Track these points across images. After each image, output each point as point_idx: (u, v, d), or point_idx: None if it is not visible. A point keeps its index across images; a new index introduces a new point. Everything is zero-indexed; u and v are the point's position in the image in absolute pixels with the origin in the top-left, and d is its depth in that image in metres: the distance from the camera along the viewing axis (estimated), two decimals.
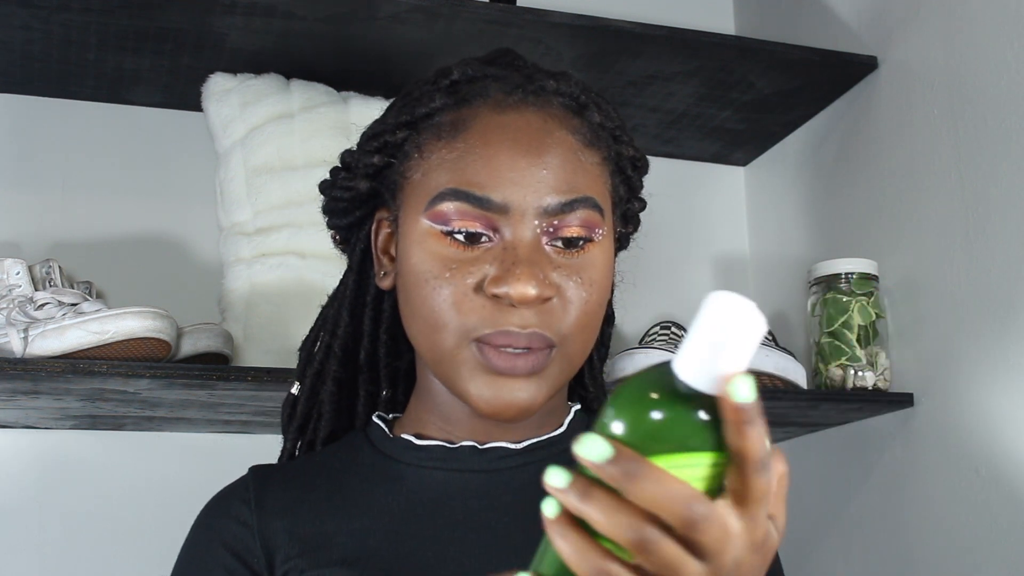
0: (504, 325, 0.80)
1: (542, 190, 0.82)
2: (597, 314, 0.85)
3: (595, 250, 0.84)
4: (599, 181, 0.86)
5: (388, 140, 0.88)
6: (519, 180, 0.82)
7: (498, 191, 0.82)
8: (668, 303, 1.80)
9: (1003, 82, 1.37)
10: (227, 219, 1.47)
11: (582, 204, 0.83)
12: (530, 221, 0.82)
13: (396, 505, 0.86)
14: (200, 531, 0.90)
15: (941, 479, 1.43)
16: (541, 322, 0.81)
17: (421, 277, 0.83)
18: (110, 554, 1.49)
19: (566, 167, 0.84)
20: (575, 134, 0.85)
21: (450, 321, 0.82)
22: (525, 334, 0.80)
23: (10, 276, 1.30)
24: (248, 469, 0.92)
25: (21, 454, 1.49)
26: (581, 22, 1.47)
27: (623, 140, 0.90)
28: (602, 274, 0.85)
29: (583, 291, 0.83)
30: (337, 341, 0.96)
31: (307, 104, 1.49)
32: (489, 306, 0.81)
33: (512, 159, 0.83)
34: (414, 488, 0.87)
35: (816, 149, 1.74)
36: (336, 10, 1.40)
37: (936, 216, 1.47)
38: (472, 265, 0.82)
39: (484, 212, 0.81)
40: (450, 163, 0.84)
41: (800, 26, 1.77)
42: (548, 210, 0.82)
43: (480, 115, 0.85)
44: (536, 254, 0.81)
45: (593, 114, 0.87)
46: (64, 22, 1.39)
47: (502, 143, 0.83)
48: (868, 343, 1.50)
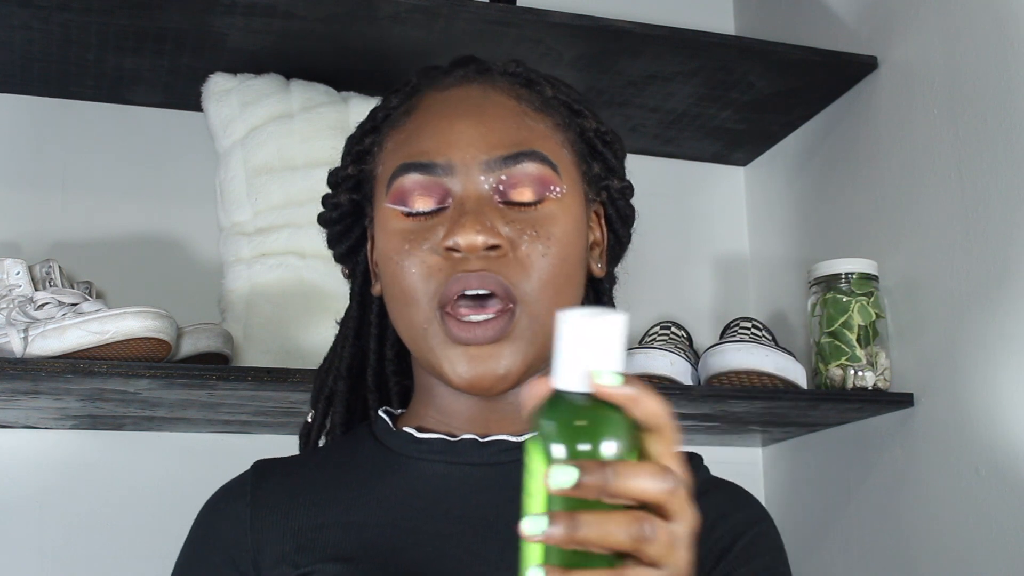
0: (456, 273, 0.81)
1: (483, 146, 0.84)
2: (561, 272, 0.84)
3: (552, 206, 0.84)
4: (551, 141, 0.87)
5: (358, 149, 0.92)
6: (459, 140, 0.84)
7: (441, 154, 0.84)
8: (668, 303, 1.80)
9: (1003, 82, 1.37)
10: (227, 219, 1.47)
11: (527, 157, 0.84)
12: (475, 176, 0.83)
13: (394, 498, 0.86)
14: (195, 529, 0.91)
15: (941, 479, 1.43)
16: (492, 268, 0.81)
17: (389, 260, 0.85)
18: (110, 554, 1.49)
19: (508, 126, 0.85)
20: (520, 101, 0.88)
21: (417, 291, 0.83)
22: (476, 276, 0.81)
23: (10, 276, 1.30)
24: (252, 464, 0.92)
25: (21, 454, 1.49)
26: (581, 22, 1.47)
27: (583, 113, 0.91)
28: (564, 231, 0.84)
29: (539, 244, 0.83)
30: (344, 363, 0.96)
31: (307, 104, 1.49)
32: (445, 264, 0.82)
33: (451, 123, 0.85)
34: (413, 481, 0.87)
35: (816, 149, 1.74)
36: (336, 10, 1.40)
37: (936, 216, 1.47)
38: (429, 232, 0.83)
39: (433, 178, 0.84)
40: (401, 144, 0.87)
41: (800, 26, 1.77)
42: (491, 164, 0.84)
43: (426, 96, 0.89)
44: (484, 206, 0.83)
45: (544, 88, 0.89)
46: (64, 22, 1.39)
47: (443, 113, 0.86)
48: (868, 343, 1.50)
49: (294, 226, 1.43)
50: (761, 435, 1.71)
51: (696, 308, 1.83)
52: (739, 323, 1.58)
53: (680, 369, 1.47)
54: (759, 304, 1.84)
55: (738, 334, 1.54)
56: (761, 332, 1.55)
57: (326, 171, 0.97)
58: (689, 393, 1.43)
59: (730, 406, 1.47)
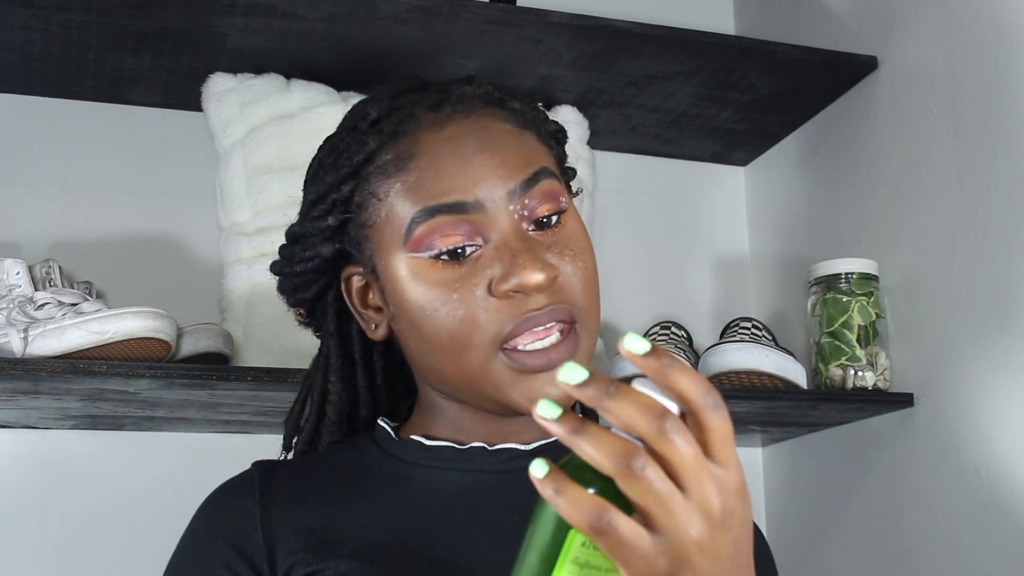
0: (525, 312, 0.82)
1: (503, 175, 0.84)
2: (595, 279, 0.87)
3: (569, 220, 0.87)
4: (545, 155, 0.89)
5: (335, 198, 0.89)
6: (480, 175, 0.84)
7: (466, 191, 0.84)
8: (668, 303, 1.80)
9: (1003, 82, 1.37)
10: (227, 219, 1.47)
11: (542, 175, 0.86)
12: (506, 209, 0.84)
13: (406, 503, 0.87)
14: (200, 522, 0.90)
15: (941, 479, 1.43)
16: (553, 299, 0.83)
17: (429, 309, 0.84)
18: (110, 554, 1.49)
19: (516, 150, 0.86)
20: (507, 122, 0.88)
21: (474, 337, 0.82)
22: (547, 311, 0.82)
23: (10, 276, 1.30)
24: (251, 464, 0.92)
25: (21, 454, 1.49)
26: (581, 22, 1.47)
27: (542, 118, 0.93)
28: (585, 240, 0.88)
29: (579, 261, 0.85)
30: (330, 407, 0.96)
31: (307, 104, 1.49)
32: (505, 306, 0.82)
33: (466, 161, 0.85)
34: (424, 488, 0.88)
35: (816, 149, 1.74)
36: (336, 10, 1.40)
37: (936, 216, 1.47)
38: (473, 277, 0.83)
39: (460, 216, 0.83)
40: (410, 191, 0.85)
41: (800, 26, 1.77)
42: (516, 191, 0.84)
43: (421, 139, 0.87)
44: (528, 241, 0.84)
45: (513, 103, 0.91)
46: (64, 22, 1.39)
47: (451, 152, 0.85)
48: (868, 343, 1.50)
49: None
50: (761, 435, 1.71)
51: (696, 308, 1.83)
52: (739, 323, 1.58)
53: None
54: (759, 304, 1.84)
55: (738, 334, 1.54)
56: (761, 332, 1.55)
57: None
58: None
59: (730, 406, 1.45)
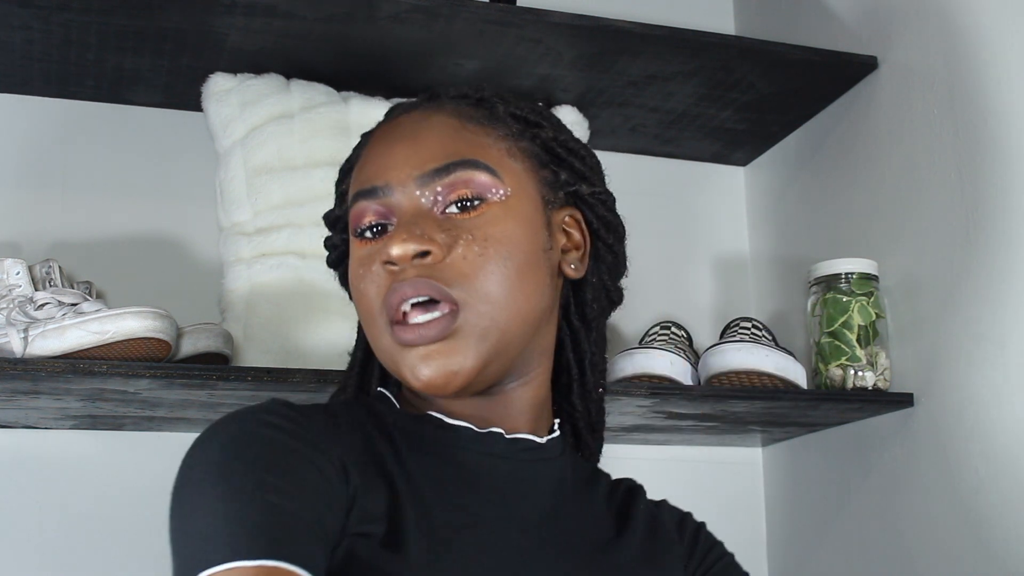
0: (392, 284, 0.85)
1: (416, 162, 0.88)
2: (504, 271, 0.86)
3: (495, 210, 0.87)
4: (492, 150, 0.90)
5: (339, 191, 0.98)
6: (394, 162, 0.89)
7: (380, 177, 0.89)
8: (668, 303, 1.80)
9: (1003, 82, 1.37)
10: (227, 219, 1.47)
11: (460, 166, 0.87)
12: (411, 192, 0.87)
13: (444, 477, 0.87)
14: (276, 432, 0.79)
15: (941, 479, 1.43)
16: (425, 273, 0.85)
17: (354, 285, 0.90)
18: (110, 554, 1.49)
19: (442, 140, 0.89)
20: (461, 118, 0.91)
21: (373, 309, 0.87)
22: (409, 283, 0.84)
23: (10, 276, 1.30)
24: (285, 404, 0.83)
25: (21, 454, 1.49)
26: (581, 22, 1.47)
27: (540, 124, 0.94)
28: (505, 232, 0.87)
29: (475, 246, 0.85)
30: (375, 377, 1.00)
31: (307, 104, 1.49)
32: (386, 278, 0.86)
33: (389, 147, 0.90)
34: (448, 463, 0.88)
35: (816, 149, 1.74)
36: (336, 10, 1.40)
37: (936, 216, 1.47)
38: (377, 253, 0.88)
39: (375, 200, 0.88)
40: (353, 181, 0.92)
41: (800, 26, 1.77)
42: (425, 178, 0.87)
43: (374, 132, 0.95)
44: (416, 217, 0.87)
45: (495, 105, 0.93)
46: (64, 22, 1.39)
47: (380, 144, 0.91)
48: (868, 343, 1.50)
49: (294, 226, 1.43)
50: (761, 435, 1.71)
51: (696, 308, 1.83)
52: (739, 323, 1.58)
53: (680, 369, 1.47)
54: (759, 304, 1.84)
55: (738, 334, 1.54)
56: (761, 332, 1.55)
57: (326, 171, 1.00)
58: (689, 393, 1.43)
59: (730, 406, 1.47)
